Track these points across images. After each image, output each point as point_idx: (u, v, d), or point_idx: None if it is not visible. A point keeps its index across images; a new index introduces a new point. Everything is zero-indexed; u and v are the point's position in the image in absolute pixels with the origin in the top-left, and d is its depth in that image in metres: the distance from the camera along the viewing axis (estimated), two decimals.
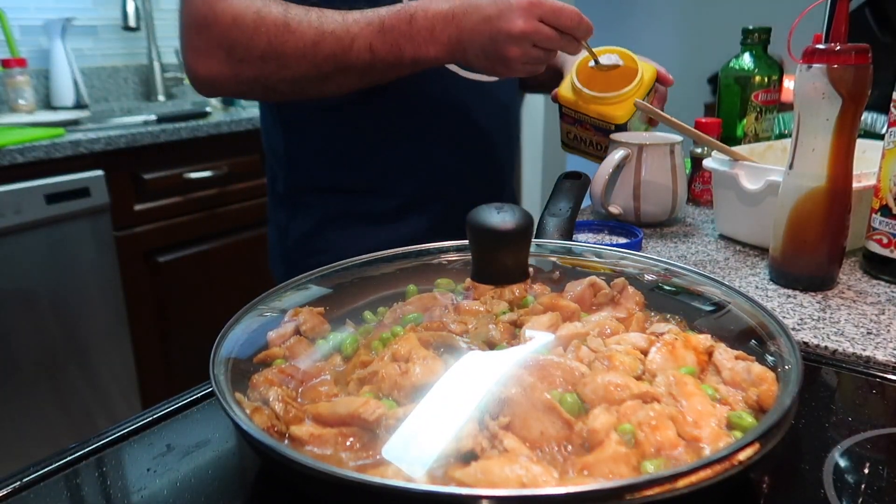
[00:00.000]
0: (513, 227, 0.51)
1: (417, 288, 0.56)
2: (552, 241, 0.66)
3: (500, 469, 0.33)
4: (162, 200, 1.79)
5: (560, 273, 0.59)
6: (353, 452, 0.38)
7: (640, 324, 0.50)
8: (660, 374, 0.42)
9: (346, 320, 0.53)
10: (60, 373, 1.63)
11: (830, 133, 0.65)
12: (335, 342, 0.49)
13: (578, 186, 0.75)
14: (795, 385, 0.38)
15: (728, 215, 0.88)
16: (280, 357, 0.48)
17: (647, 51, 0.98)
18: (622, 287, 0.54)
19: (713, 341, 0.46)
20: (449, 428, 0.37)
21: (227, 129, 1.89)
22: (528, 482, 0.33)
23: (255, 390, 0.44)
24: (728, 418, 0.38)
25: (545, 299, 0.53)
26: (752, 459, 0.33)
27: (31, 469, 0.43)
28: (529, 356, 0.43)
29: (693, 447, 0.36)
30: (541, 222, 0.70)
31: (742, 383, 0.42)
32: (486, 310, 0.52)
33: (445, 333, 0.48)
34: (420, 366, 0.43)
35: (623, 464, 0.34)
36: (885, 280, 0.73)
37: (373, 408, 0.39)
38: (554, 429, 0.37)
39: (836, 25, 0.64)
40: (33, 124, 1.76)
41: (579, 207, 0.74)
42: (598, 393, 0.39)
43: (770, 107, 1.11)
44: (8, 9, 1.96)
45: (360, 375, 0.44)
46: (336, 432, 0.39)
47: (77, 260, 1.62)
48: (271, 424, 0.40)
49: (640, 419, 0.37)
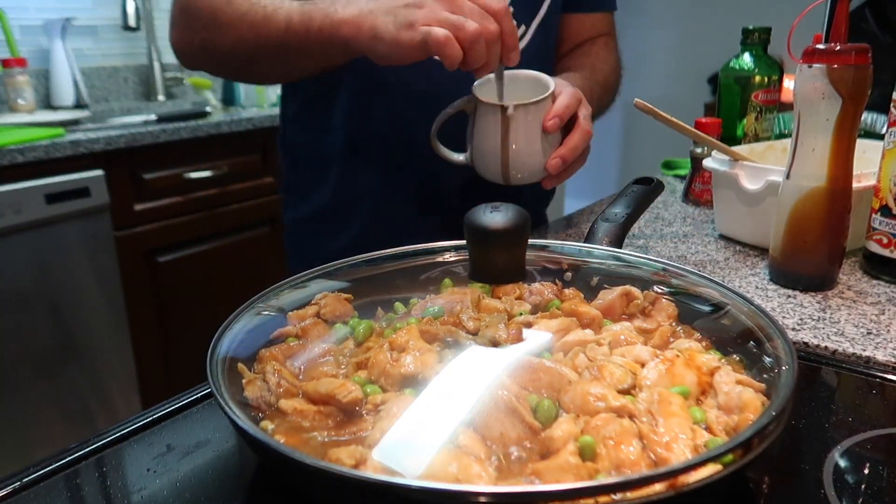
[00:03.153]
0: (506, 227, 0.51)
1: (452, 281, 0.58)
2: (599, 247, 0.64)
3: (446, 464, 0.34)
4: (162, 200, 1.79)
5: (598, 280, 0.58)
6: (326, 430, 0.40)
7: (663, 337, 0.49)
8: (646, 390, 0.41)
9: (378, 308, 0.55)
10: (60, 373, 1.63)
11: (830, 133, 0.65)
12: (350, 327, 0.51)
13: (645, 192, 0.73)
14: (784, 397, 0.37)
15: (728, 215, 0.88)
16: (292, 336, 0.50)
17: (647, 51, 0.98)
18: (654, 299, 0.54)
19: (720, 362, 0.45)
20: (420, 418, 0.39)
21: (227, 129, 1.89)
22: (462, 479, 0.34)
23: (260, 363, 0.46)
24: (706, 445, 0.37)
25: (567, 305, 0.53)
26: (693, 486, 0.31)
27: (31, 469, 0.43)
28: (523, 358, 0.43)
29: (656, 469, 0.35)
30: (592, 227, 0.69)
31: (734, 409, 0.41)
32: (504, 309, 0.52)
33: (450, 328, 0.49)
34: (412, 357, 0.44)
35: (572, 475, 0.34)
36: (885, 280, 0.73)
37: (347, 390, 0.41)
38: (515, 432, 0.37)
39: (836, 25, 0.64)
40: (33, 124, 1.76)
41: (639, 215, 0.72)
42: (576, 402, 0.39)
43: (770, 107, 1.11)
44: (8, 9, 1.96)
45: (357, 360, 0.46)
46: (316, 410, 0.41)
47: (77, 260, 1.62)
48: (260, 395, 0.42)
49: (608, 433, 0.36)
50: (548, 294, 0.55)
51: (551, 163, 0.76)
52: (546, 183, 0.79)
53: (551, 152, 0.77)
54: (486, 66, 0.69)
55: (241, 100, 2.22)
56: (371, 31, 0.69)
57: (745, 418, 0.39)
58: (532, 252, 0.58)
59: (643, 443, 0.36)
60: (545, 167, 0.77)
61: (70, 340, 1.64)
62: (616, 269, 0.59)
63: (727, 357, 0.47)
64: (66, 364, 1.64)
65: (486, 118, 0.76)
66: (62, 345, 1.63)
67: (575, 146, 0.77)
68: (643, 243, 0.88)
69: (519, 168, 0.77)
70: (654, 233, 0.93)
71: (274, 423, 0.41)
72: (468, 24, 0.65)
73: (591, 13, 1.03)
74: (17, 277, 1.53)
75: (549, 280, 0.58)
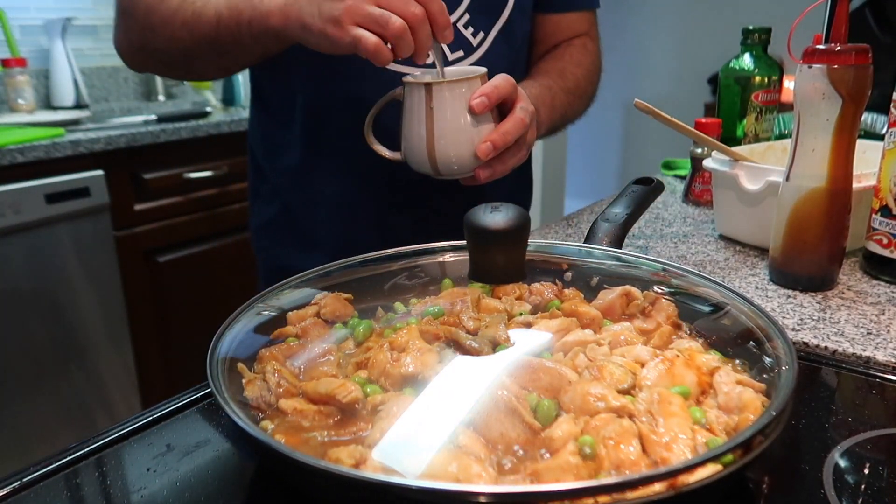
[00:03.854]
0: (506, 227, 0.51)
1: (452, 281, 0.58)
2: (599, 247, 0.64)
3: (446, 464, 0.34)
4: (162, 200, 1.79)
5: (598, 280, 0.58)
6: (326, 430, 0.40)
7: (663, 338, 0.49)
8: (646, 390, 0.41)
9: (378, 308, 0.55)
10: (60, 373, 1.63)
11: (830, 133, 0.65)
12: (350, 328, 0.51)
13: (645, 193, 0.72)
14: (784, 397, 0.37)
15: (728, 215, 0.88)
16: (292, 335, 0.50)
17: (647, 51, 0.98)
18: (654, 299, 0.54)
19: (720, 362, 0.45)
20: (420, 418, 0.39)
21: (227, 129, 1.89)
22: (462, 479, 0.34)
23: (260, 363, 0.46)
24: (707, 444, 0.37)
25: (566, 305, 0.53)
26: (691, 487, 0.31)
27: (31, 469, 0.43)
28: (523, 358, 0.43)
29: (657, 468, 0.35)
30: (592, 227, 0.69)
31: (734, 409, 0.41)
32: (504, 309, 0.53)
33: (450, 329, 0.49)
34: (412, 357, 0.44)
35: (572, 475, 0.34)
36: (885, 280, 0.73)
37: (347, 390, 0.41)
38: (515, 432, 0.37)
39: (836, 25, 0.64)
40: (33, 124, 1.76)
41: (639, 215, 0.72)
42: (576, 402, 0.39)
43: (770, 107, 1.11)
44: (8, 9, 1.96)
45: (358, 359, 0.46)
46: (316, 410, 0.41)
47: (77, 260, 1.62)
48: (260, 395, 0.42)
49: (607, 433, 0.36)
50: (548, 294, 0.55)
51: (481, 147, 0.70)
52: (478, 174, 0.73)
53: (481, 140, 0.71)
54: (419, 50, 0.67)
55: (241, 100, 2.22)
56: (298, 22, 0.69)
57: (745, 418, 0.39)
58: (532, 252, 0.58)
59: (643, 443, 0.36)
60: (475, 153, 0.71)
61: (70, 340, 1.64)
62: (616, 269, 0.59)
63: (724, 356, 0.47)
64: (66, 364, 1.64)
65: (412, 100, 0.71)
66: (62, 345, 1.63)
67: (506, 131, 0.71)
68: (643, 243, 0.88)
69: (446, 154, 0.71)
70: (654, 233, 0.93)
71: (274, 423, 0.41)
72: (392, 22, 0.64)
73: (567, 13, 0.98)
74: (17, 278, 1.53)
75: (549, 280, 0.58)
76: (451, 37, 0.68)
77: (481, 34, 0.89)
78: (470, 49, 0.89)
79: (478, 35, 0.89)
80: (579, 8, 0.99)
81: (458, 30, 0.87)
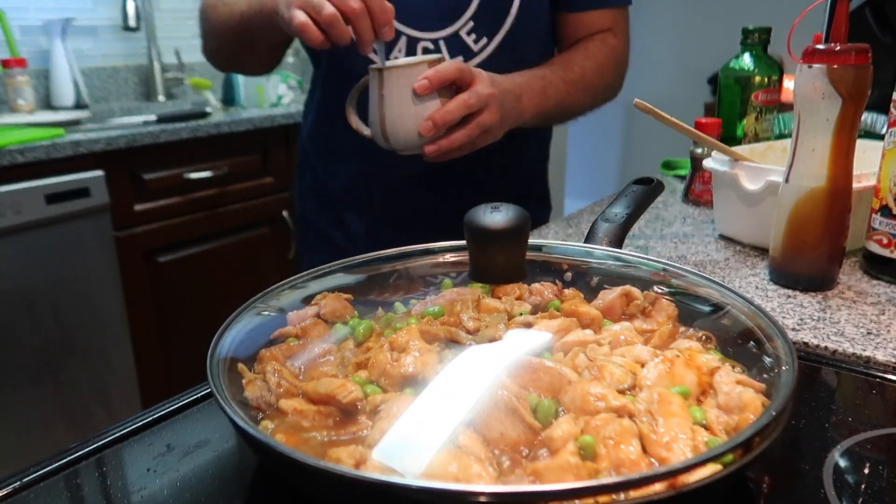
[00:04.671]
0: (506, 227, 0.51)
1: (452, 281, 0.58)
2: (599, 247, 0.64)
3: (446, 464, 0.34)
4: (162, 200, 1.79)
5: (598, 280, 0.58)
6: (326, 430, 0.40)
7: (663, 338, 0.49)
8: (646, 390, 0.41)
9: (378, 308, 0.55)
10: (61, 372, 1.63)
11: (830, 133, 0.65)
12: (350, 327, 0.51)
13: (645, 192, 0.73)
14: (784, 397, 0.37)
15: (728, 215, 0.88)
16: (292, 336, 0.50)
17: (647, 51, 0.98)
18: (654, 299, 0.54)
19: (720, 362, 0.45)
20: (420, 418, 0.39)
21: (227, 129, 1.89)
22: (462, 479, 0.34)
23: (261, 364, 0.46)
24: (707, 444, 0.37)
25: (567, 305, 0.53)
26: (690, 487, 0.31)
27: (31, 469, 0.43)
28: (523, 358, 0.43)
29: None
30: (592, 227, 0.69)
31: (734, 409, 0.41)
32: (504, 309, 0.52)
33: (450, 329, 0.49)
34: (412, 357, 0.44)
35: (572, 475, 0.34)
36: (885, 280, 0.73)
37: (347, 391, 0.41)
38: (515, 432, 0.37)
39: (836, 25, 0.64)
40: (33, 124, 1.76)
41: (639, 215, 0.72)
42: (576, 402, 0.39)
43: (770, 107, 1.11)
44: (8, 9, 1.96)
45: (358, 360, 0.46)
46: (316, 410, 0.41)
47: (77, 260, 1.62)
48: (260, 395, 0.42)
49: (608, 433, 0.36)
50: (548, 294, 0.55)
51: (424, 124, 0.78)
52: (427, 150, 0.80)
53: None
54: (361, 41, 0.74)
55: (241, 100, 2.22)
56: (276, 9, 0.79)
57: (745, 418, 0.39)
58: (532, 252, 0.58)
59: (643, 443, 0.36)
60: (419, 132, 0.79)
61: (70, 340, 1.64)
62: (616, 269, 0.59)
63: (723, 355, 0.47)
64: (66, 364, 1.64)
65: (372, 84, 0.81)
66: (62, 345, 1.63)
67: (448, 111, 0.78)
68: (643, 243, 0.88)
69: (395, 131, 0.80)
70: (654, 233, 0.93)
71: (274, 423, 0.41)
72: (325, 9, 0.71)
73: (587, 11, 1.00)
74: (18, 278, 1.53)
75: (549, 280, 0.58)
76: (392, 34, 0.76)
77: (484, 40, 0.94)
78: (470, 54, 0.94)
79: (480, 41, 0.95)
80: (601, 6, 1.02)
81: (461, 37, 0.94)
